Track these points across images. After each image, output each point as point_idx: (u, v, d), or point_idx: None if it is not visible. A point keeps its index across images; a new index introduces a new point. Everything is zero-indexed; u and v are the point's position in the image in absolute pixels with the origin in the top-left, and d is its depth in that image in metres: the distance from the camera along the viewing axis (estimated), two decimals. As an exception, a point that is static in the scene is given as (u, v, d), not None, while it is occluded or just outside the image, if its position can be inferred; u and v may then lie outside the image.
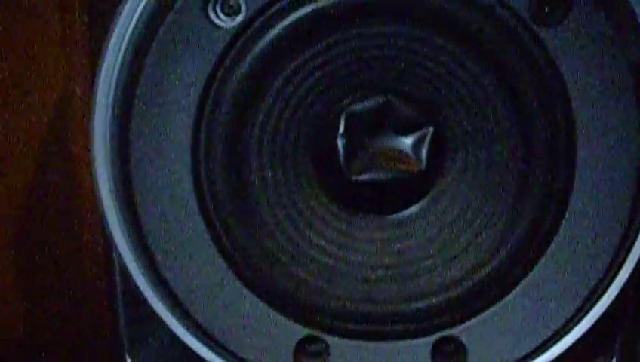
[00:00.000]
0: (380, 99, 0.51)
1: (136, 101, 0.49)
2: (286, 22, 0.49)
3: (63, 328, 0.76)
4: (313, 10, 0.49)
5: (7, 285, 0.76)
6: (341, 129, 0.51)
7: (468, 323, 0.51)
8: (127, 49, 0.49)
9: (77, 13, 0.70)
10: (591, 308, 0.51)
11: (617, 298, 0.51)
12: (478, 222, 0.52)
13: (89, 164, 0.51)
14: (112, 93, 0.49)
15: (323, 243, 0.52)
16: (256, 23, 0.49)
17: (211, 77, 0.49)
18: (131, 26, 0.49)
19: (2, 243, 0.75)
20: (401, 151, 0.51)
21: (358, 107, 0.51)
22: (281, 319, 0.51)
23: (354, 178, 0.51)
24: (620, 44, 0.48)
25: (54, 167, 0.73)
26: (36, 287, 0.76)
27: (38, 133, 0.73)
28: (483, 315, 0.51)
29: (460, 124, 0.51)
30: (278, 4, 0.49)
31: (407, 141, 0.51)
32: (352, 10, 0.49)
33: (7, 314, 0.76)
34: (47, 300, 0.76)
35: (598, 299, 0.51)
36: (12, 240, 0.75)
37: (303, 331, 0.52)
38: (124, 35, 0.49)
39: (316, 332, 0.52)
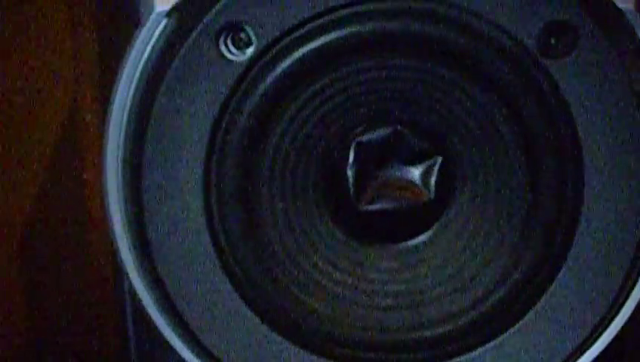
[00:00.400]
0: (389, 129, 0.52)
1: (148, 134, 0.49)
2: (296, 55, 0.49)
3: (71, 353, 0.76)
4: (323, 44, 0.49)
5: (13, 314, 0.76)
6: (351, 159, 0.52)
7: (476, 352, 0.52)
8: (139, 82, 0.49)
9: (88, 41, 0.71)
10: (600, 335, 0.51)
11: (626, 325, 0.51)
12: (487, 250, 0.52)
13: (99, 190, 0.51)
14: (124, 126, 0.50)
15: (333, 271, 0.53)
16: (267, 56, 0.49)
17: (223, 110, 0.49)
18: (143, 59, 0.49)
19: (11, 268, 0.75)
20: (410, 181, 0.52)
21: (367, 138, 0.52)
22: (290, 346, 0.52)
23: (363, 208, 0.52)
24: (626, 75, 0.49)
25: (64, 194, 0.74)
26: (44, 315, 0.76)
27: (48, 160, 0.74)
28: (491, 344, 0.52)
29: (468, 154, 0.52)
30: (289, 37, 0.49)
31: (416, 171, 0.52)
32: (362, 42, 0.50)
33: (13, 342, 0.77)
34: (56, 327, 0.76)
35: (607, 326, 0.51)
36: (20, 264, 0.76)
37: (311, 358, 0.52)
38: (136, 69, 0.49)
39: (325, 360, 0.52)
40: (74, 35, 0.70)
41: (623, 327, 0.51)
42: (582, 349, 0.51)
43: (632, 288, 0.51)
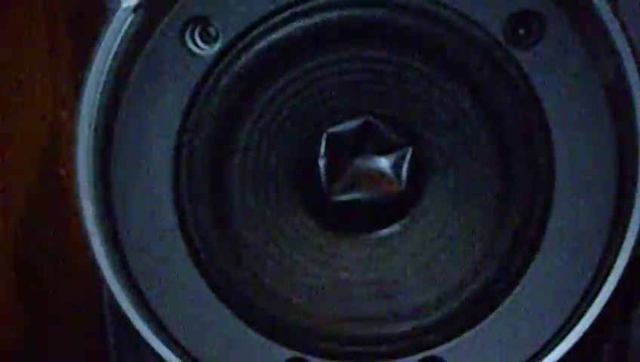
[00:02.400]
0: (360, 120, 0.52)
1: (117, 129, 0.49)
2: (264, 47, 0.49)
3: (54, 353, 0.76)
4: (291, 35, 0.49)
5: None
6: (322, 150, 0.51)
7: (451, 343, 0.52)
8: (107, 78, 0.49)
9: (64, 39, 0.71)
10: (574, 325, 0.51)
11: (602, 313, 0.51)
12: (459, 240, 0.52)
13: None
14: (94, 121, 0.50)
15: (306, 262, 0.53)
16: (234, 50, 0.49)
17: (190, 104, 0.49)
18: (111, 54, 0.49)
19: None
20: (381, 172, 0.52)
21: (338, 129, 0.52)
22: (266, 341, 0.52)
23: (335, 198, 0.52)
24: (594, 64, 0.49)
25: (44, 190, 0.74)
26: (25, 312, 0.76)
27: (27, 158, 0.73)
28: (466, 335, 0.52)
29: (439, 144, 0.52)
30: (256, 30, 0.49)
31: (387, 162, 0.52)
32: (330, 33, 0.50)
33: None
34: (38, 325, 0.76)
35: (581, 316, 0.51)
36: (1, 264, 0.76)
37: (287, 353, 0.52)
38: (104, 64, 0.49)
39: (301, 354, 0.52)
40: (50, 33, 0.70)
41: (601, 313, 0.51)
42: (558, 337, 0.51)
43: (606, 275, 0.50)
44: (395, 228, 0.53)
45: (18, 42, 0.71)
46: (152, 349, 0.52)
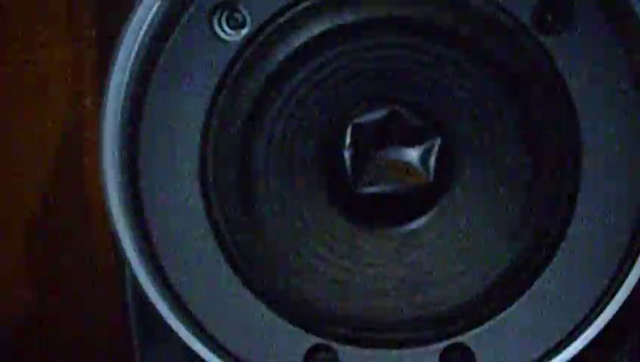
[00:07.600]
0: (387, 110, 0.51)
1: (145, 115, 0.50)
2: (291, 34, 0.49)
3: (75, 342, 0.76)
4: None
5: (17, 297, 0.76)
6: (347, 141, 0.51)
7: (476, 331, 0.52)
8: (134, 64, 0.49)
9: (87, 28, 0.71)
10: (599, 314, 0.51)
11: (626, 304, 0.51)
12: (487, 231, 0.52)
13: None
14: (120, 108, 0.50)
15: (331, 255, 0.52)
16: (262, 36, 0.49)
17: (218, 89, 0.49)
18: (138, 41, 0.49)
19: (14, 255, 0.76)
20: (408, 163, 0.51)
21: (364, 118, 0.51)
22: (290, 328, 0.52)
23: (361, 190, 0.51)
24: (624, 52, 0.49)
25: (66, 178, 0.74)
26: (46, 300, 0.77)
27: (49, 145, 0.74)
28: (491, 322, 0.51)
29: (467, 134, 0.51)
30: (284, 16, 0.49)
31: (415, 153, 0.51)
32: (357, 23, 0.49)
33: (18, 331, 0.77)
34: (58, 313, 0.76)
35: (606, 306, 0.51)
36: (23, 252, 0.76)
37: (312, 340, 0.52)
38: (131, 51, 0.49)
39: (325, 341, 0.52)
40: (71, 20, 0.71)
41: (625, 303, 0.51)
42: (583, 327, 0.51)
43: (632, 265, 0.50)
44: (422, 220, 0.52)
45: (39, 30, 0.72)
46: (177, 335, 0.52)
